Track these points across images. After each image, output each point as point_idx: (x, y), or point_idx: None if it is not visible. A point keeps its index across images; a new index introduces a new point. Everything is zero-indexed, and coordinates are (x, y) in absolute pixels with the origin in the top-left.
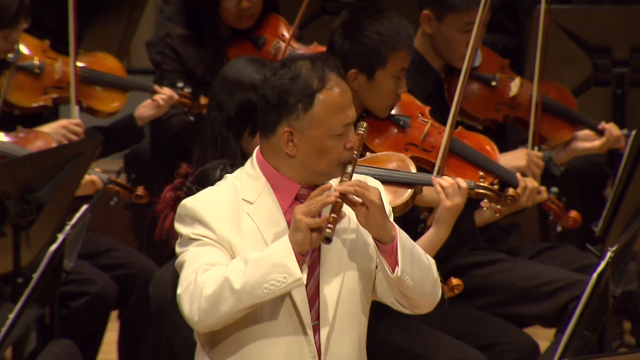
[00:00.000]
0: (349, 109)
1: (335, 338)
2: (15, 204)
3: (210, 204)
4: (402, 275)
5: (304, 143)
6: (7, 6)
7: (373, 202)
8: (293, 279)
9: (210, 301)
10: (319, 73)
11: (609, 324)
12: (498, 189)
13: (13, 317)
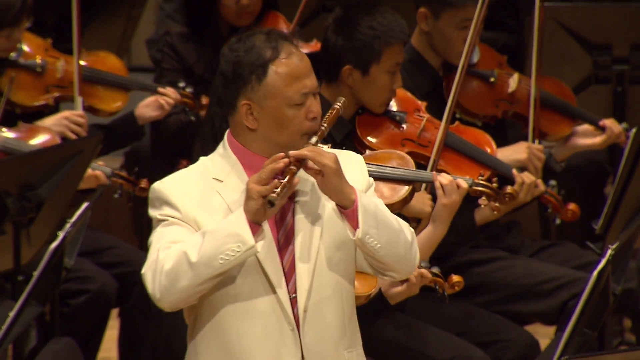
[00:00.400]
0: (306, 78)
1: (313, 309)
2: (15, 201)
3: (177, 185)
4: (365, 237)
5: (263, 115)
6: (10, 5)
7: (326, 165)
8: (246, 247)
9: (169, 277)
10: (272, 44)
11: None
12: (496, 187)
13: (13, 315)
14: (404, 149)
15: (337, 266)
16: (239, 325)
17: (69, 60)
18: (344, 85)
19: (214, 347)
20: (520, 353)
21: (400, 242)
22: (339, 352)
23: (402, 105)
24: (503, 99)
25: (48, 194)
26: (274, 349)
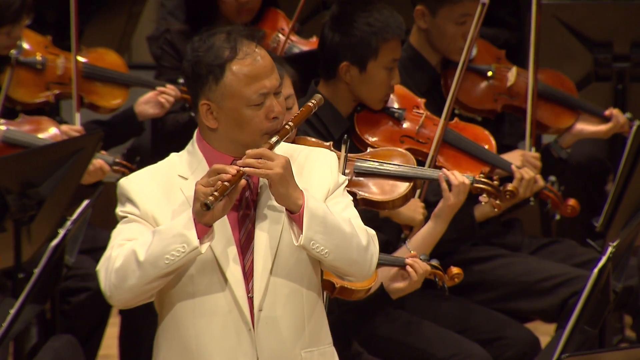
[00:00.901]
0: (265, 78)
1: (268, 309)
2: (16, 198)
3: (140, 182)
4: (309, 243)
5: (222, 115)
6: (10, 3)
7: (269, 174)
8: (190, 248)
9: (119, 275)
10: (231, 43)
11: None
12: (497, 185)
13: (14, 313)
14: (403, 146)
15: (297, 266)
16: (196, 323)
17: (69, 57)
18: (341, 82)
19: (173, 344)
20: (521, 350)
21: (353, 247)
22: (295, 351)
23: (401, 102)
24: (502, 93)
25: (49, 192)
26: (231, 349)
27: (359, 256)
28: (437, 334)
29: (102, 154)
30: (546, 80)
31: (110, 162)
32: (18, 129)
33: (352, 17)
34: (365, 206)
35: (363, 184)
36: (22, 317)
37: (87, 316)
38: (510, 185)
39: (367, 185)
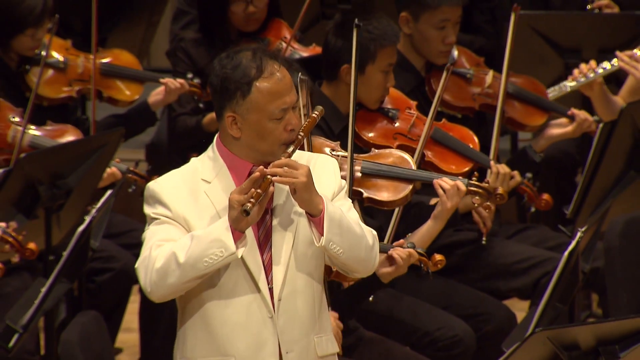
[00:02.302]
0: (286, 95)
1: (287, 299)
2: (46, 189)
3: (168, 185)
4: (328, 244)
5: (245, 126)
6: (32, 7)
7: (295, 183)
8: (228, 253)
9: (159, 274)
10: (257, 62)
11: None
12: (489, 187)
13: (45, 291)
14: (396, 142)
15: (309, 261)
16: (222, 314)
17: (88, 57)
18: (342, 83)
19: (200, 334)
20: (499, 325)
21: (362, 247)
22: (310, 337)
23: (394, 103)
24: (480, 93)
25: (76, 183)
26: (254, 335)
27: (366, 255)
28: (424, 309)
29: (117, 162)
30: (521, 84)
31: (123, 171)
32: (44, 134)
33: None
34: (370, 204)
35: (369, 184)
36: (53, 294)
37: (110, 294)
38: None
39: (373, 186)
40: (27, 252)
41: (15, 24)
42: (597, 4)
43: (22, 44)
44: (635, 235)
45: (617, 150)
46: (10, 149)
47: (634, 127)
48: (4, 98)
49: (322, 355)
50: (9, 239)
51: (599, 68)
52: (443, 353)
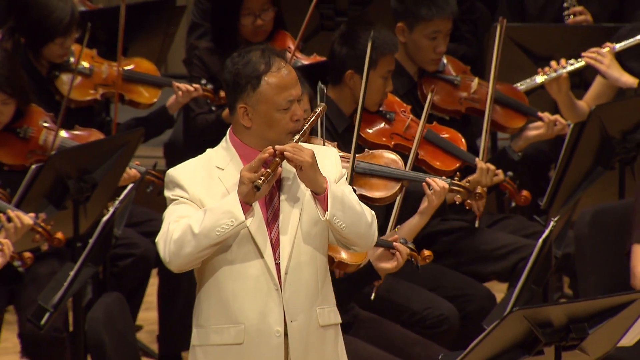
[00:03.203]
0: (292, 88)
1: (292, 272)
2: (75, 183)
3: (186, 171)
4: (332, 218)
5: (256, 117)
6: (61, 19)
7: (303, 161)
8: (238, 222)
9: (177, 245)
10: (265, 59)
11: (551, 280)
12: (469, 187)
13: (73, 274)
14: (392, 141)
15: (314, 239)
16: (233, 285)
17: (111, 64)
18: (346, 87)
19: (214, 302)
20: (480, 305)
21: (362, 223)
22: (313, 308)
23: (391, 106)
24: (466, 98)
25: (101, 177)
26: (262, 305)
27: (366, 230)
28: (414, 291)
29: (136, 165)
30: (503, 91)
31: (142, 172)
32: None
33: (358, 34)
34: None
35: (362, 182)
36: (80, 278)
37: (132, 277)
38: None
39: (365, 184)
40: (55, 241)
41: (45, 33)
42: (572, 10)
43: (52, 52)
44: (603, 224)
45: (586, 148)
46: (41, 151)
47: (601, 127)
48: (35, 101)
49: (324, 324)
50: (38, 229)
51: (567, 65)
52: (430, 330)
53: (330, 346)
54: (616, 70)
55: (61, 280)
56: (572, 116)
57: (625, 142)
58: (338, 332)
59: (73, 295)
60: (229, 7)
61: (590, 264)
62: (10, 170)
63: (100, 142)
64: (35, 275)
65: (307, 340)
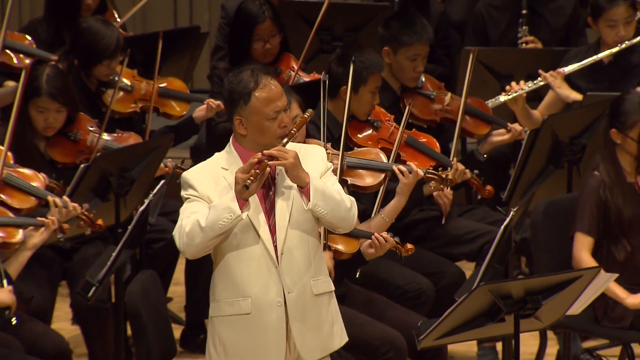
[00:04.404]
0: (278, 100)
1: (288, 253)
2: (116, 179)
3: (196, 173)
4: (314, 207)
5: (249, 126)
6: (108, 45)
7: (286, 162)
8: (235, 216)
9: (188, 237)
10: (254, 77)
11: (511, 260)
12: (441, 174)
13: (115, 255)
14: (379, 145)
15: (304, 224)
16: (240, 266)
17: (149, 82)
18: (341, 100)
19: (225, 281)
20: (452, 280)
21: (342, 208)
22: (306, 279)
23: (378, 116)
24: (440, 109)
25: (138, 175)
26: (264, 280)
27: (346, 214)
28: (397, 268)
29: (169, 161)
30: (472, 103)
31: (173, 166)
32: (113, 139)
33: (351, 56)
34: (354, 189)
35: (352, 174)
36: (120, 258)
37: (163, 257)
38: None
39: (355, 175)
40: (96, 226)
41: (95, 56)
42: (524, 39)
43: (100, 72)
44: (554, 214)
45: (540, 151)
46: (88, 151)
47: (552, 133)
48: (84, 111)
49: (317, 293)
50: (82, 217)
51: (526, 85)
52: (411, 302)
53: (325, 310)
54: (566, 89)
55: (105, 260)
56: (529, 124)
57: (573, 146)
58: (331, 298)
59: (115, 272)
60: (244, 34)
61: (543, 246)
62: (63, 167)
63: (137, 146)
64: (84, 255)
65: (304, 307)
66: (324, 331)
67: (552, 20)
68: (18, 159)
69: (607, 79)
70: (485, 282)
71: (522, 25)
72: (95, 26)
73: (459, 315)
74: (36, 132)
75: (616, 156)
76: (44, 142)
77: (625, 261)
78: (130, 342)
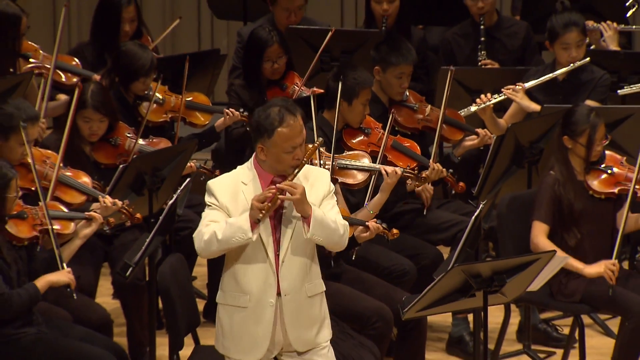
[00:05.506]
0: (296, 137)
1: (287, 261)
2: (150, 177)
3: (220, 184)
4: (312, 236)
5: (269, 155)
6: (144, 64)
7: (293, 200)
8: (247, 237)
9: (206, 244)
10: (280, 116)
11: (481, 245)
12: (417, 174)
13: (148, 241)
14: (369, 149)
15: (303, 240)
16: (244, 268)
17: (178, 96)
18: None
19: (231, 276)
20: (431, 262)
21: (335, 236)
22: (302, 284)
23: (369, 124)
24: (422, 119)
25: (168, 173)
26: (263, 282)
27: (338, 240)
28: (383, 251)
29: (194, 162)
30: (447, 113)
31: (197, 166)
32: (147, 144)
33: (345, 74)
34: (343, 186)
35: (342, 174)
36: (153, 243)
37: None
38: (425, 173)
39: (345, 175)
40: (135, 219)
41: (133, 74)
42: (483, 62)
43: (136, 87)
44: (516, 206)
45: (505, 153)
46: (126, 154)
47: (515, 138)
48: (123, 120)
49: (311, 295)
50: (123, 211)
51: (493, 98)
52: (396, 280)
53: (317, 309)
54: (526, 101)
55: (140, 245)
56: (495, 131)
57: (532, 149)
58: (323, 298)
59: (148, 255)
60: (255, 55)
61: (508, 233)
62: (105, 168)
63: (167, 149)
64: (123, 241)
65: (299, 308)
66: (316, 327)
67: (508, 43)
68: (68, 161)
69: (561, 93)
70: (458, 264)
71: (481, 50)
72: (133, 49)
73: (437, 291)
74: (83, 138)
75: (568, 158)
76: (89, 147)
77: (575, 247)
78: (162, 313)
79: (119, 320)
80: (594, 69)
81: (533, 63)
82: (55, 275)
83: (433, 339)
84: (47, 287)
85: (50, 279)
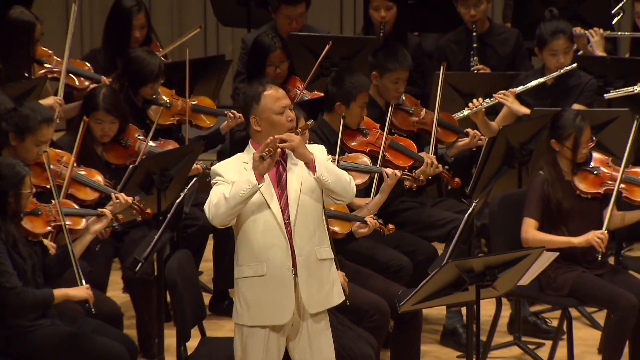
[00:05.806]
0: (283, 99)
1: (297, 225)
2: (158, 177)
3: (223, 164)
4: (320, 176)
5: (262, 122)
6: (152, 70)
7: (292, 145)
8: (252, 185)
9: (215, 207)
10: (261, 83)
11: (473, 241)
12: (414, 175)
13: (157, 237)
14: (367, 149)
15: (310, 202)
16: (257, 238)
17: (184, 100)
18: (335, 113)
19: (245, 249)
20: (427, 257)
21: (343, 179)
22: (312, 247)
23: (366, 125)
24: (417, 122)
25: (175, 173)
26: (277, 248)
27: (347, 185)
28: (381, 248)
29: (200, 162)
30: (441, 116)
31: (203, 167)
32: (156, 145)
33: (344, 78)
34: None
35: None
36: (162, 239)
37: (195, 240)
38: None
39: None
40: (145, 214)
41: (141, 80)
42: (475, 67)
43: (145, 92)
44: (507, 204)
45: (496, 154)
46: (136, 154)
47: (506, 140)
48: (133, 123)
49: (320, 259)
50: (134, 207)
51: (484, 102)
52: (393, 275)
53: (326, 272)
54: (516, 105)
55: (149, 241)
56: (487, 133)
57: (522, 150)
58: (332, 264)
59: (157, 251)
60: (259, 61)
61: (499, 230)
62: (115, 168)
63: (175, 150)
64: (132, 237)
65: (310, 269)
66: (326, 289)
67: (500, 49)
68: (81, 161)
69: (550, 97)
70: (452, 259)
71: (473, 56)
72: (142, 55)
73: (431, 286)
74: (95, 139)
75: (556, 160)
76: (100, 147)
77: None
78: (169, 307)
79: (129, 313)
80: (581, 74)
81: (523, 68)
82: (74, 290)
83: (428, 331)
84: (64, 299)
85: (69, 292)
